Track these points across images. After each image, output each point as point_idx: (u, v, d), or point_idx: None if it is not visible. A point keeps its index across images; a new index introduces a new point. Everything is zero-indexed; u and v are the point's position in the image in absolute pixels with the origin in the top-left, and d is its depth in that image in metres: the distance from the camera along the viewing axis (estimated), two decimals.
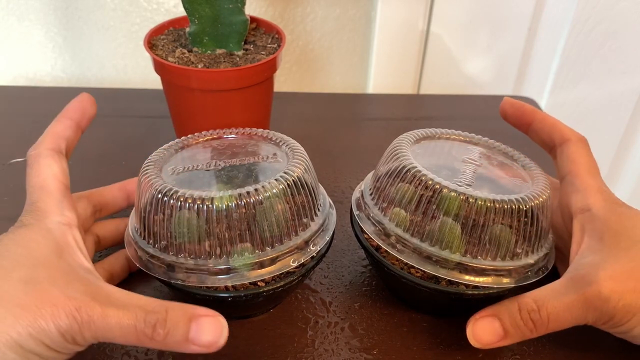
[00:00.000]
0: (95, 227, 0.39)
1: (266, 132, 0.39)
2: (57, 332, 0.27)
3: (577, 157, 0.38)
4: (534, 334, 0.33)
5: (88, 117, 0.38)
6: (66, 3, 0.67)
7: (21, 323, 0.27)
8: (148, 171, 0.35)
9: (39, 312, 0.27)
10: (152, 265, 0.34)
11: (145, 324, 0.28)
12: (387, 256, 0.37)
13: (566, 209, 0.37)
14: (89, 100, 0.38)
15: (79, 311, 0.28)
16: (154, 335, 0.28)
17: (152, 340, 0.28)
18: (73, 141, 0.36)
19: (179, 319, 0.28)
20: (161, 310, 0.28)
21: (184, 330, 0.28)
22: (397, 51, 0.73)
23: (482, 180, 0.37)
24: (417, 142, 0.40)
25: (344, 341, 0.38)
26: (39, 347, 0.27)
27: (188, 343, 0.28)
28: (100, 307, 0.28)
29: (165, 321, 0.28)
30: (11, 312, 0.27)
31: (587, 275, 0.32)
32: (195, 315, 0.29)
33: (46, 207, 0.32)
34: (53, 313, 0.27)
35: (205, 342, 0.28)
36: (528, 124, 0.41)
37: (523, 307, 0.32)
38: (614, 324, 0.32)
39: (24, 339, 0.27)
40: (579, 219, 0.36)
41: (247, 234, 0.33)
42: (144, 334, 0.28)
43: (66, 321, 0.27)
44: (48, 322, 0.27)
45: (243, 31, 0.49)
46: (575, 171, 0.37)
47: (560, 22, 0.73)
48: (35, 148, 0.35)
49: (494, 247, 0.34)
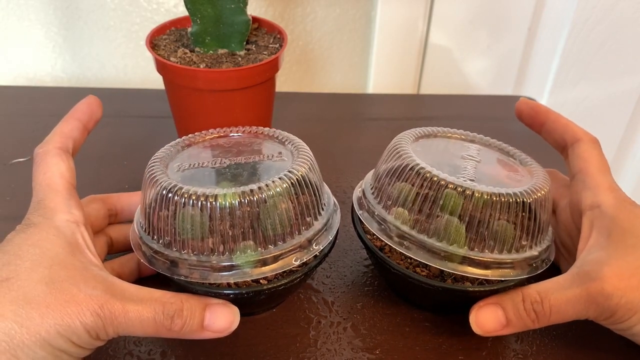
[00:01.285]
0: (109, 230, 0.40)
1: (272, 130, 0.40)
2: (83, 330, 0.28)
3: (588, 156, 0.38)
4: (535, 325, 0.33)
5: (95, 119, 0.38)
6: (66, 3, 0.67)
7: (49, 322, 0.28)
8: (154, 168, 0.35)
9: (64, 311, 0.28)
10: (156, 260, 0.34)
11: (164, 316, 0.30)
12: (392, 255, 0.37)
13: (576, 207, 0.38)
14: (96, 102, 0.38)
15: (102, 309, 0.29)
16: (172, 325, 0.30)
17: (170, 331, 0.30)
18: (79, 142, 0.37)
19: (195, 308, 0.31)
20: (177, 302, 0.30)
21: (199, 318, 0.31)
22: (397, 51, 0.73)
23: (484, 176, 0.37)
24: (416, 140, 0.41)
25: (347, 341, 0.37)
26: (67, 344, 0.28)
27: (203, 330, 0.31)
28: (121, 303, 0.29)
29: (182, 311, 0.30)
30: (38, 312, 0.28)
31: (592, 271, 0.33)
32: (209, 304, 0.31)
33: (54, 205, 0.32)
34: (78, 311, 0.28)
35: (219, 327, 0.31)
36: (541, 124, 0.41)
37: (526, 297, 0.33)
38: (615, 320, 0.33)
39: (53, 337, 0.28)
40: (588, 215, 0.36)
41: (250, 231, 0.33)
42: (162, 325, 0.30)
43: (91, 319, 0.28)
44: (74, 320, 0.28)
45: (245, 31, 0.49)
46: (586, 169, 0.37)
47: (560, 22, 0.74)
48: (42, 146, 0.35)
49: (499, 241, 0.34)
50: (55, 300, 0.28)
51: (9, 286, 0.28)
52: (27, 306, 0.28)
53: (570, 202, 0.39)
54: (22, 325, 0.27)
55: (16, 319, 0.27)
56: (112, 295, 0.29)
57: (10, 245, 0.30)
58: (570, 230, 0.39)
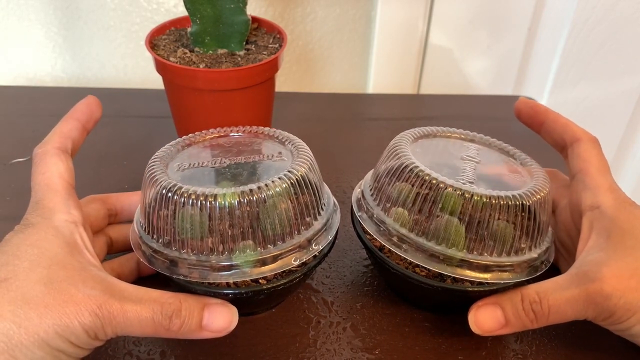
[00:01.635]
0: (109, 230, 0.40)
1: (272, 130, 0.40)
2: (82, 330, 0.28)
3: (588, 156, 0.38)
4: (534, 325, 0.33)
5: (94, 119, 0.38)
6: (66, 3, 0.67)
7: (47, 322, 0.27)
8: (153, 167, 0.35)
9: (62, 311, 0.28)
10: (156, 260, 0.34)
11: (162, 316, 0.30)
12: (391, 256, 0.37)
13: (576, 207, 0.38)
14: (95, 103, 0.38)
15: (100, 309, 0.29)
16: (170, 325, 0.30)
17: (168, 331, 0.30)
18: (78, 142, 0.37)
19: (193, 308, 0.31)
20: (175, 302, 0.30)
21: (197, 318, 0.31)
22: (397, 51, 0.73)
23: (483, 177, 0.37)
24: (416, 140, 0.40)
25: (346, 341, 0.37)
26: (65, 344, 0.28)
27: (202, 330, 0.31)
28: (119, 303, 0.29)
29: (180, 311, 0.30)
30: (36, 312, 0.27)
31: (591, 271, 0.33)
32: (207, 303, 0.31)
33: (52, 205, 0.32)
34: (76, 312, 0.28)
35: (217, 327, 0.31)
36: (540, 124, 0.41)
37: (525, 297, 0.33)
38: (614, 321, 0.33)
39: (51, 338, 0.27)
40: (588, 216, 0.36)
41: (249, 231, 0.33)
42: (161, 325, 0.30)
43: (90, 319, 0.28)
44: (72, 320, 0.28)
45: (245, 31, 0.49)
46: (585, 169, 0.37)
47: (560, 22, 0.74)
48: (42, 146, 0.35)
49: (498, 243, 0.34)
50: (54, 301, 0.28)
51: (7, 286, 0.28)
52: (25, 306, 0.28)
53: (570, 202, 0.39)
54: (20, 325, 0.27)
55: (14, 319, 0.27)
56: (111, 295, 0.29)
57: (9, 245, 0.30)
58: (570, 230, 0.39)
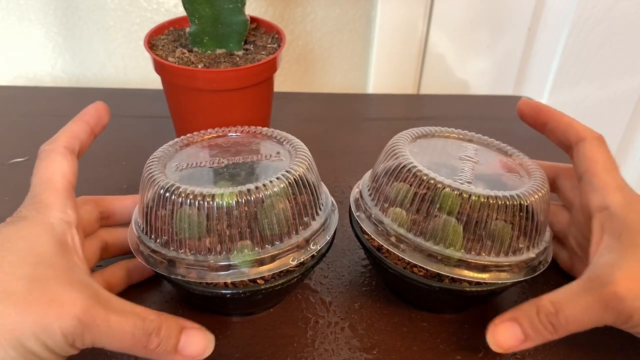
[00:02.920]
0: (103, 233, 0.39)
1: (270, 130, 0.40)
2: (60, 334, 0.27)
3: (594, 155, 0.37)
4: (554, 336, 0.32)
5: (102, 124, 0.38)
6: (66, 3, 0.67)
7: (26, 321, 0.26)
8: (152, 167, 0.35)
9: (44, 311, 0.27)
10: (154, 260, 0.34)
11: (143, 331, 0.29)
12: (389, 256, 0.37)
13: (586, 209, 0.36)
14: (104, 108, 0.38)
15: (85, 314, 0.27)
16: (148, 343, 0.29)
17: (145, 349, 0.29)
18: (86, 144, 0.37)
19: (172, 329, 0.30)
20: (157, 320, 0.29)
21: (175, 340, 0.30)
22: (397, 51, 0.73)
23: (482, 177, 0.37)
24: (414, 140, 0.40)
25: (344, 341, 0.37)
26: (39, 348, 0.27)
27: (176, 353, 0.30)
28: (104, 311, 0.28)
29: (160, 330, 0.29)
30: (15, 310, 0.26)
31: (603, 275, 0.32)
32: (185, 327, 0.30)
33: (50, 202, 0.32)
34: (59, 314, 0.27)
35: (191, 353, 0.30)
36: (544, 124, 0.40)
37: (541, 310, 0.32)
38: (634, 324, 0.31)
39: (27, 338, 0.26)
40: (598, 217, 0.35)
41: (247, 231, 0.33)
42: (139, 341, 0.29)
43: (71, 323, 0.27)
44: (53, 322, 0.27)
45: (243, 31, 0.49)
46: (592, 169, 0.36)
47: (560, 22, 0.74)
48: (50, 143, 0.34)
49: (496, 243, 0.34)
50: (36, 299, 0.27)
51: None
52: (6, 301, 0.27)
53: (581, 204, 0.38)
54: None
55: None
56: (97, 302, 0.28)
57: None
58: (584, 231, 0.38)
